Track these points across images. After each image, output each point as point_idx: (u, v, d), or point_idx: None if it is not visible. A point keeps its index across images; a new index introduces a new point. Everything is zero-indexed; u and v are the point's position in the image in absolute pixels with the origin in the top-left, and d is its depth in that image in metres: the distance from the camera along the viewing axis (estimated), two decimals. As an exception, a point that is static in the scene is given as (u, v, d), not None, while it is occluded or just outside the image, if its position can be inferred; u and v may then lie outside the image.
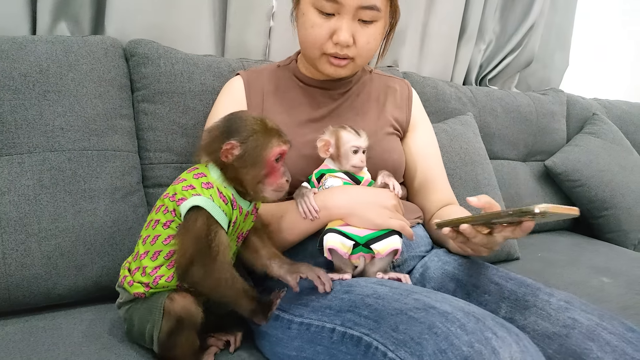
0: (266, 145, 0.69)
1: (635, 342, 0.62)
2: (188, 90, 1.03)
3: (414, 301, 0.61)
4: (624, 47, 2.33)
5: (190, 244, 0.66)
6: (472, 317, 0.56)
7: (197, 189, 0.68)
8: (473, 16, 1.64)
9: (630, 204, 1.60)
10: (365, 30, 0.84)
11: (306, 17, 0.83)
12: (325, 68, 0.87)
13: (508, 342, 0.53)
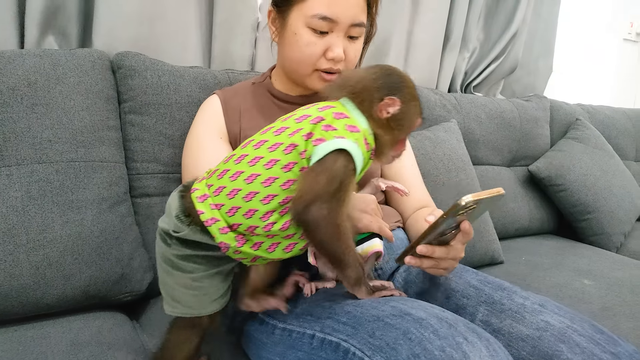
0: (418, 114, 0.69)
1: (604, 343, 0.65)
2: (174, 101, 1.05)
3: (391, 308, 0.64)
4: (607, 53, 2.38)
5: (321, 182, 0.59)
6: (445, 322, 0.58)
7: (339, 130, 0.62)
8: (457, 25, 1.67)
9: (613, 208, 1.63)
10: (353, 45, 0.88)
11: (299, 36, 0.85)
12: (315, 84, 0.90)
13: (478, 347, 0.55)
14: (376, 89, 0.65)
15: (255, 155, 0.64)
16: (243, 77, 1.18)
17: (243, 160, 0.65)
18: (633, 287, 1.21)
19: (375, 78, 0.66)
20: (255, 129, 0.94)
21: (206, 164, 0.91)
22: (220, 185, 0.65)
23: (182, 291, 0.68)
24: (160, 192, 1.05)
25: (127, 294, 0.93)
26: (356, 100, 0.66)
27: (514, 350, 0.68)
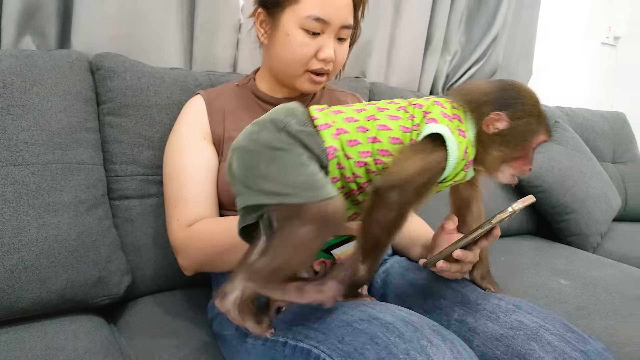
0: (536, 132, 0.66)
1: (574, 342, 0.66)
2: (154, 103, 1.04)
3: (360, 312, 0.64)
4: (585, 56, 2.43)
5: (414, 170, 0.61)
6: (410, 326, 0.59)
7: (451, 127, 0.63)
8: (438, 28, 1.69)
9: (590, 209, 1.66)
10: (341, 47, 0.91)
11: (293, 37, 0.87)
12: (305, 86, 0.92)
13: (442, 350, 0.56)
14: (485, 102, 0.65)
15: (383, 107, 0.68)
16: (225, 79, 1.18)
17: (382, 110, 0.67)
18: (607, 287, 1.24)
19: (488, 92, 0.66)
20: (239, 130, 0.94)
21: (189, 164, 0.91)
22: (351, 116, 0.67)
23: (295, 172, 0.61)
24: (140, 195, 1.04)
25: (105, 297, 0.93)
26: (467, 110, 0.66)
27: (488, 349, 0.69)
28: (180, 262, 0.90)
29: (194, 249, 0.87)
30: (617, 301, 1.15)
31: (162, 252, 1.04)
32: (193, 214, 0.88)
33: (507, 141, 0.65)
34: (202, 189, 0.90)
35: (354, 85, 1.42)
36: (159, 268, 1.05)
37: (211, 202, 0.91)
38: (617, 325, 1.06)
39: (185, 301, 1.03)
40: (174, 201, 0.90)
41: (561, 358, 0.64)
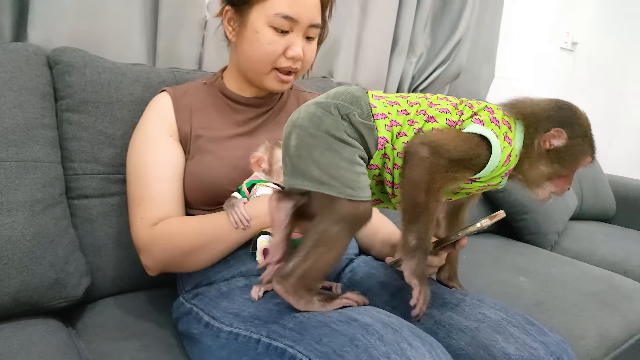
0: (586, 153, 0.67)
1: (534, 333, 0.69)
2: (115, 100, 1.01)
3: (338, 314, 0.64)
4: (545, 61, 2.51)
5: (452, 142, 0.63)
6: (390, 328, 0.60)
7: (496, 131, 0.64)
8: (404, 30, 1.71)
9: (548, 208, 1.72)
10: (309, 45, 0.91)
11: (261, 34, 0.86)
12: (272, 84, 0.92)
13: (421, 352, 0.57)
14: (546, 118, 0.66)
15: (435, 102, 0.69)
16: (190, 76, 1.16)
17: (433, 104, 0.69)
18: (564, 283, 1.29)
19: (548, 108, 0.67)
20: (207, 128, 0.94)
21: (155, 162, 0.89)
22: (404, 109, 0.68)
23: (345, 167, 0.63)
24: (100, 194, 1.01)
25: (62, 299, 0.89)
26: (523, 123, 0.66)
27: (454, 341, 0.70)
28: (143, 262, 0.89)
29: (158, 248, 0.85)
30: (573, 297, 1.20)
31: (124, 252, 1.02)
32: (158, 212, 0.87)
33: (560, 158, 0.66)
34: (168, 187, 0.89)
35: (321, 85, 1.42)
36: (121, 269, 1.02)
37: (177, 201, 0.90)
38: (574, 320, 1.10)
39: (149, 302, 1.01)
40: (138, 199, 0.88)
41: (523, 348, 0.66)
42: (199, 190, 0.90)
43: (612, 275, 1.39)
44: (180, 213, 0.90)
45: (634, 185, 2.17)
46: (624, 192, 2.17)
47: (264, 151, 0.86)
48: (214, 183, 0.89)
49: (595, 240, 1.75)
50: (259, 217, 0.81)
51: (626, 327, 1.15)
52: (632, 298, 1.25)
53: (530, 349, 0.66)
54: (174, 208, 0.89)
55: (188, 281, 0.91)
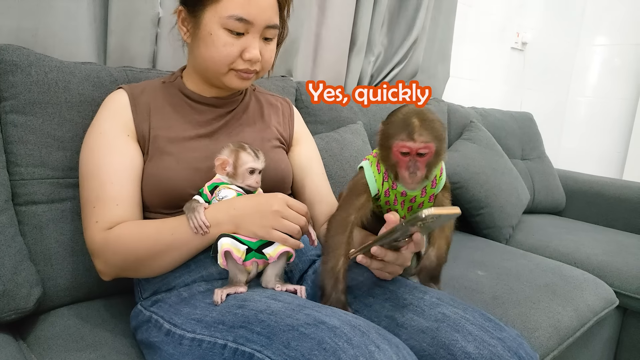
0: (394, 136, 0.75)
1: (492, 330, 0.71)
2: (64, 100, 0.97)
3: (305, 316, 0.64)
4: (497, 60, 2.59)
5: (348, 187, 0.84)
6: (358, 330, 0.60)
7: (370, 159, 0.85)
8: (362, 29, 1.73)
9: (502, 203, 1.78)
10: (267, 46, 0.89)
11: (216, 36, 0.84)
12: (233, 82, 0.89)
13: (389, 355, 0.58)
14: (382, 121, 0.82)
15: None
16: (143, 75, 1.12)
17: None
18: (519, 276, 1.33)
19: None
20: (166, 128, 0.91)
21: (111, 163, 0.85)
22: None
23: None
24: (49, 199, 0.96)
25: (12, 312, 0.84)
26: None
27: (415, 342, 0.71)
28: (97, 267, 0.85)
29: (112, 253, 0.82)
30: (527, 290, 1.24)
31: (78, 259, 0.97)
32: (113, 216, 0.83)
33: (381, 145, 0.80)
34: (125, 189, 0.85)
35: (280, 85, 1.41)
36: (74, 277, 0.97)
37: (134, 204, 0.86)
38: (528, 312, 1.14)
39: (106, 311, 0.97)
40: (92, 202, 0.84)
41: (482, 346, 0.67)
42: (157, 193, 0.87)
43: (563, 267, 1.45)
44: (138, 217, 0.87)
45: (583, 180, 2.27)
46: (574, 185, 2.28)
47: (228, 154, 0.84)
48: (174, 186, 0.86)
49: (547, 233, 1.83)
50: (220, 225, 0.79)
51: (577, 317, 1.20)
52: (582, 288, 1.31)
53: (489, 347, 0.67)
54: (131, 211, 0.86)
55: (146, 287, 0.88)
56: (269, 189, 0.92)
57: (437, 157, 0.77)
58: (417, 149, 0.74)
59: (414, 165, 0.75)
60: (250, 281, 0.81)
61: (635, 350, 1.54)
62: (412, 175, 0.75)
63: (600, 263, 1.55)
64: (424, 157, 0.75)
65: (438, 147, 0.76)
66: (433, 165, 0.78)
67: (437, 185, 0.84)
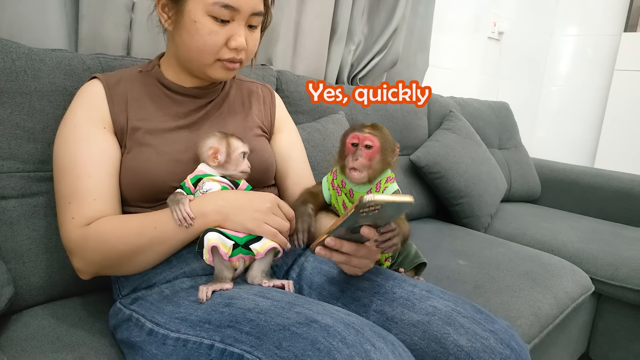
0: (348, 133, 0.85)
1: (483, 322, 0.70)
2: (34, 89, 0.92)
3: (296, 315, 0.62)
4: (474, 50, 2.61)
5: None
6: (352, 329, 0.58)
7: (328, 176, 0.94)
8: (342, 17, 1.70)
9: (481, 192, 1.80)
10: (252, 34, 0.86)
11: (201, 24, 0.80)
12: (218, 73, 0.86)
13: (385, 353, 0.57)
14: None
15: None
16: (117, 62, 1.07)
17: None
18: (499, 265, 1.35)
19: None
20: (145, 120, 0.87)
21: (87, 156, 0.81)
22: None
23: None
24: (20, 194, 0.91)
25: (-19, 313, 0.80)
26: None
27: (407, 336, 0.70)
28: (75, 265, 0.82)
29: (91, 250, 0.79)
30: (508, 278, 1.26)
31: (51, 257, 0.93)
32: (91, 211, 0.80)
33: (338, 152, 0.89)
34: (102, 183, 0.82)
35: (261, 74, 1.37)
36: (48, 275, 0.93)
37: (112, 199, 0.83)
38: (510, 300, 1.15)
39: (82, 309, 0.94)
40: (68, 197, 0.80)
41: (474, 339, 0.67)
42: (137, 187, 0.84)
43: (541, 255, 1.47)
44: (116, 212, 0.84)
45: (557, 168, 2.32)
46: (549, 174, 2.32)
47: (217, 141, 0.82)
48: (155, 179, 0.83)
49: (525, 221, 1.85)
50: (206, 216, 0.77)
51: (556, 304, 1.22)
52: (560, 275, 1.34)
53: (482, 339, 0.67)
54: (109, 206, 0.82)
55: (125, 285, 0.85)
56: (253, 178, 0.90)
57: (383, 157, 0.84)
58: (364, 139, 0.82)
59: (358, 151, 0.82)
60: (237, 277, 0.79)
61: (609, 334, 1.58)
62: (355, 160, 0.82)
63: (577, 250, 1.58)
64: (369, 150, 0.82)
65: (383, 147, 0.83)
66: (377, 165, 0.83)
67: (381, 191, 0.87)
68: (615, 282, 1.48)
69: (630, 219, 2.01)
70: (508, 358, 0.66)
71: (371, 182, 0.86)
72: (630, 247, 1.59)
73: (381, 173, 0.86)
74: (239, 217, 0.77)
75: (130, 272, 0.82)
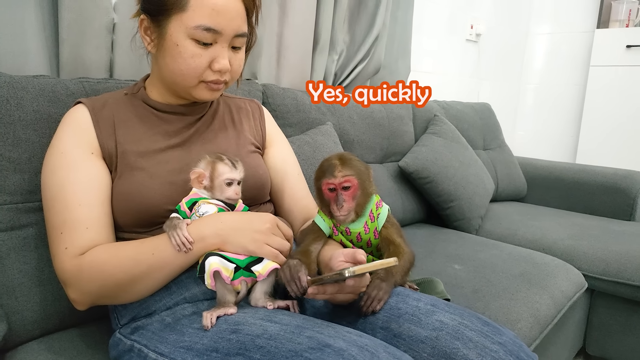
0: (320, 178, 0.83)
1: (491, 334, 0.70)
2: (18, 119, 0.89)
3: (308, 339, 0.61)
4: (453, 52, 2.63)
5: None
6: (366, 351, 0.57)
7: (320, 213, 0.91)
8: (324, 27, 1.70)
9: (470, 195, 1.81)
10: (236, 55, 0.85)
11: (183, 47, 0.79)
12: (203, 94, 0.85)
13: None
14: None
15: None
16: (101, 86, 1.05)
17: None
18: (494, 267, 1.36)
19: None
20: (135, 142, 0.85)
21: (76, 184, 0.79)
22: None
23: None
24: (8, 227, 0.88)
25: (-26, 354, 0.77)
26: None
27: (415, 353, 0.70)
28: (70, 296, 0.79)
29: (87, 280, 0.76)
30: (504, 281, 1.27)
31: (45, 289, 0.91)
32: (84, 240, 0.78)
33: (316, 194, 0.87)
34: (94, 211, 0.80)
35: (246, 88, 1.36)
36: (43, 308, 0.91)
37: (105, 226, 0.81)
38: (509, 303, 1.16)
39: (80, 341, 0.91)
40: (59, 227, 0.78)
41: (484, 352, 0.67)
42: (131, 212, 0.82)
43: (534, 254, 1.49)
44: (110, 239, 0.82)
45: (542, 166, 2.35)
46: (533, 172, 2.35)
47: (204, 166, 0.80)
48: (149, 202, 0.81)
49: (514, 221, 1.87)
50: (205, 239, 0.76)
51: (553, 305, 1.23)
52: (555, 275, 1.35)
53: (491, 353, 0.67)
54: (103, 234, 0.80)
55: (123, 314, 0.83)
56: (248, 196, 0.89)
57: (363, 190, 0.83)
58: (340, 183, 0.81)
59: (340, 198, 0.81)
60: (240, 301, 0.77)
61: (604, 329, 1.60)
62: (340, 207, 0.81)
63: (567, 247, 1.60)
64: (349, 191, 0.81)
65: (361, 181, 0.83)
66: (361, 199, 0.83)
67: (376, 219, 0.87)
68: (608, 278, 1.50)
69: (616, 212, 2.05)
70: (518, 370, 0.66)
71: (362, 216, 0.85)
72: (618, 241, 1.62)
73: (368, 203, 0.86)
74: (238, 239, 0.76)
75: (128, 300, 0.80)
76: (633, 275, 1.46)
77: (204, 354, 0.66)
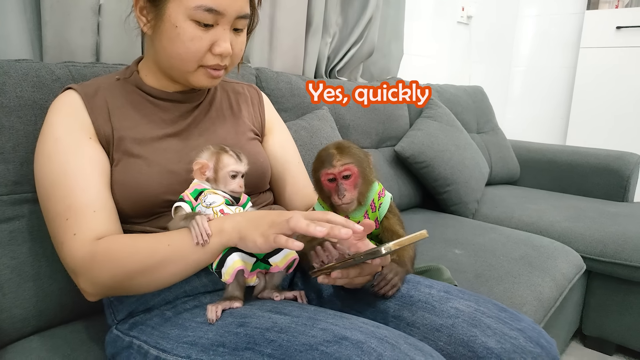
0: (319, 169, 0.80)
1: (510, 321, 0.68)
2: (0, 105, 0.84)
3: (322, 332, 0.57)
4: (445, 35, 2.60)
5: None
6: (386, 343, 0.54)
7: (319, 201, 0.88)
8: (317, 10, 1.65)
9: (467, 178, 1.79)
10: (238, 38, 0.81)
11: (182, 29, 0.74)
12: (201, 80, 0.81)
13: None
14: None
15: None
16: (88, 70, 1.00)
17: None
18: (494, 251, 1.34)
19: None
20: (131, 128, 0.80)
21: (78, 167, 0.74)
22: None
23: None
24: (-6, 220, 0.84)
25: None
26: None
27: (431, 342, 0.67)
28: (81, 286, 0.73)
29: (98, 269, 0.71)
30: (506, 264, 1.25)
31: (35, 284, 0.86)
32: (94, 224, 0.72)
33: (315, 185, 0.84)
34: (100, 195, 0.75)
35: (239, 72, 1.31)
36: (33, 305, 0.86)
37: (113, 210, 0.76)
38: (512, 287, 1.15)
39: (74, 337, 0.87)
40: (63, 213, 0.73)
41: (503, 339, 0.65)
42: (129, 201, 0.77)
43: (532, 237, 1.48)
44: (118, 226, 0.77)
45: (535, 148, 2.34)
46: (526, 155, 2.34)
47: (208, 157, 0.76)
48: (148, 192, 0.77)
49: (509, 204, 1.86)
50: (223, 233, 0.70)
51: (555, 287, 1.23)
52: (555, 257, 1.34)
53: (511, 339, 0.65)
54: (113, 218, 0.75)
55: (120, 309, 0.78)
56: (249, 185, 0.85)
57: (364, 177, 0.81)
58: (340, 172, 0.78)
59: (341, 187, 0.79)
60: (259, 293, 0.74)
61: (600, 309, 1.61)
62: (342, 197, 0.78)
63: (564, 230, 1.60)
64: (349, 180, 0.79)
65: (361, 168, 0.80)
66: (363, 187, 0.81)
67: (377, 209, 0.84)
68: (605, 259, 1.50)
69: (610, 194, 2.05)
70: (539, 356, 0.64)
71: (364, 205, 0.83)
72: (614, 222, 1.62)
73: (370, 191, 0.83)
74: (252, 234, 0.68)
75: (136, 292, 0.75)
76: (630, 256, 1.46)
77: (210, 349, 0.63)
